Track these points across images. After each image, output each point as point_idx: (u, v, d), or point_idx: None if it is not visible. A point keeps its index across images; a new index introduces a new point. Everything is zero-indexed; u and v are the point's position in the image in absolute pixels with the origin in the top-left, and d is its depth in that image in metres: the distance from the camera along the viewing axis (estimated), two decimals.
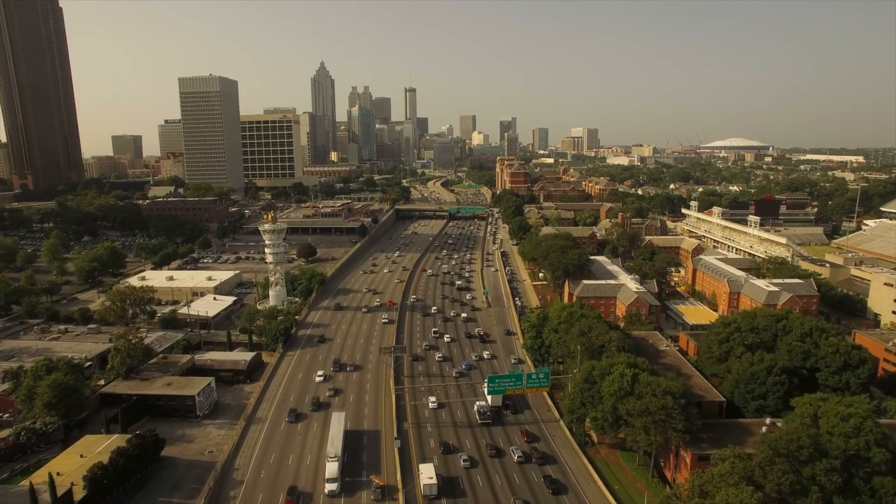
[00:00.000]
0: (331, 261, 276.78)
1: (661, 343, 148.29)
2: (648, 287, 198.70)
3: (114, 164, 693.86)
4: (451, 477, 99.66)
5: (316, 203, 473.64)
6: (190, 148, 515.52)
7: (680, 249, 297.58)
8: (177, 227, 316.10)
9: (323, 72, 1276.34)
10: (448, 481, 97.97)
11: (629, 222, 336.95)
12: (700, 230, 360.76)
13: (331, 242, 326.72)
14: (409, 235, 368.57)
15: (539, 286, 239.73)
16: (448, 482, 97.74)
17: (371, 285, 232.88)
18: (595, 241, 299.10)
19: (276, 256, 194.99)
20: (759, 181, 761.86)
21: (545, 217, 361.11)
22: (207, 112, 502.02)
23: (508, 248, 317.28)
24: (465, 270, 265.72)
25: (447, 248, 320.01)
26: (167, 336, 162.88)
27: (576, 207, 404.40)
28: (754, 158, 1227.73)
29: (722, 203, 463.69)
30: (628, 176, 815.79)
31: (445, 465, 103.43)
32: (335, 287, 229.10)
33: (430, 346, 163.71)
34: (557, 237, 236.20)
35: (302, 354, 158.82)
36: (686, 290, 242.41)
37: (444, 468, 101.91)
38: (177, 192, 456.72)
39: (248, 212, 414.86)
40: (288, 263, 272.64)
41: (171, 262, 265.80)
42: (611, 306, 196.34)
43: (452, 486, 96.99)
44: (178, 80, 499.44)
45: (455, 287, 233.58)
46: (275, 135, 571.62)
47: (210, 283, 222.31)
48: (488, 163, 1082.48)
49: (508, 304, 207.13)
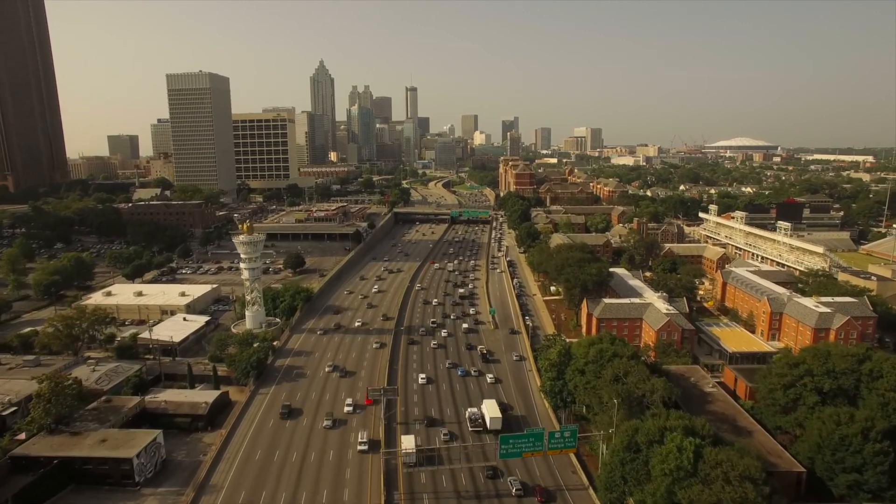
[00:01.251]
0: (320, 273, 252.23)
1: (705, 382, 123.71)
2: (678, 306, 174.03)
3: (104, 165, 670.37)
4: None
5: (310, 206, 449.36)
6: (179, 148, 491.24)
7: (703, 258, 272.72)
8: (156, 234, 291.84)
9: (322, 70, 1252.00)
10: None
11: (645, 228, 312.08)
12: (720, 236, 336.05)
13: (323, 250, 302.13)
14: (408, 241, 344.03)
15: (551, 302, 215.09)
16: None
17: (363, 301, 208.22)
18: (610, 250, 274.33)
19: (252, 272, 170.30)
20: (771, 182, 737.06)
21: (554, 222, 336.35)
22: (197, 110, 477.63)
23: (515, 257, 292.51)
24: (468, 280, 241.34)
25: (448, 256, 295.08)
26: (120, 369, 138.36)
27: (586, 211, 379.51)
28: (763, 158, 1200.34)
29: (738, 206, 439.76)
30: (636, 177, 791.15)
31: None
32: (323, 304, 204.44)
33: (428, 380, 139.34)
34: (573, 248, 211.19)
35: (277, 392, 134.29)
36: (714, 305, 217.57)
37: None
38: (163, 194, 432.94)
39: (238, 216, 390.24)
40: (273, 275, 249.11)
41: (146, 273, 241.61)
42: (636, 329, 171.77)
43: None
44: (166, 77, 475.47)
45: (456, 301, 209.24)
46: (269, 134, 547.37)
47: (182, 299, 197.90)
48: (490, 163, 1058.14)
49: (518, 324, 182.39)
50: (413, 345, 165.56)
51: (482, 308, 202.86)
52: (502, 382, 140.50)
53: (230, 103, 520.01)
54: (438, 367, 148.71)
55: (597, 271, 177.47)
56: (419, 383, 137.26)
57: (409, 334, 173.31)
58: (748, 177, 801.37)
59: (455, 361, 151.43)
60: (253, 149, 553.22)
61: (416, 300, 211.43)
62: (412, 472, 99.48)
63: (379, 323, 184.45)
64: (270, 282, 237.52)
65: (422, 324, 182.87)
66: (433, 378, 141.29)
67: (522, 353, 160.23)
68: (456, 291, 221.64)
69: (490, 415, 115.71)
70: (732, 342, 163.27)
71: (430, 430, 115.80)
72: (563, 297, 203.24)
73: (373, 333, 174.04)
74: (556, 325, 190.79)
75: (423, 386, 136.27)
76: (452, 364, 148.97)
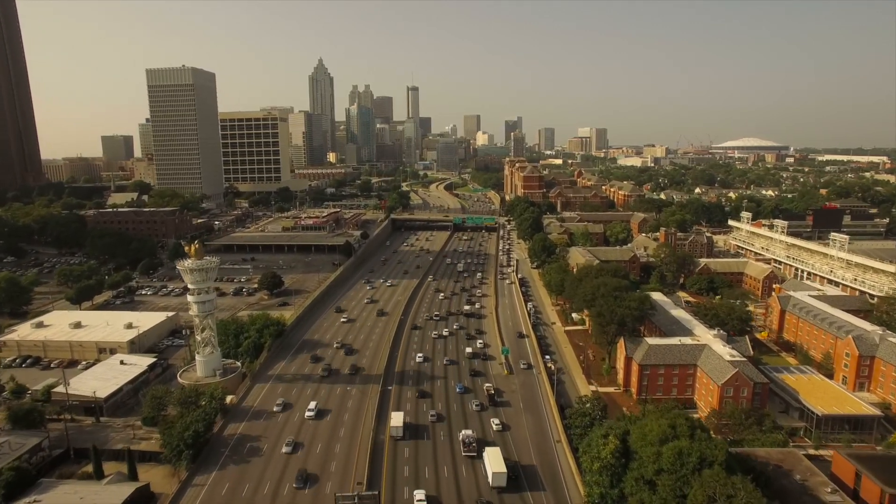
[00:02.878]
0: (301, 295, 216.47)
1: (817, 482, 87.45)
2: (740, 347, 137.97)
3: (87, 167, 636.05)
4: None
5: (301, 212, 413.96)
6: (160, 149, 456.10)
7: (744, 276, 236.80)
8: (118, 246, 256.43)
9: (321, 69, 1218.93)
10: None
11: (674, 239, 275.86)
12: (754, 247, 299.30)
13: (308, 265, 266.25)
14: (406, 253, 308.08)
15: (574, 334, 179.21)
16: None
17: (346, 336, 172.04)
18: (637, 266, 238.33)
19: (202, 306, 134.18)
20: (790, 184, 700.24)
21: (569, 232, 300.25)
22: (179, 108, 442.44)
23: (527, 273, 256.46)
24: (474, 304, 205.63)
25: (451, 273, 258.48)
26: (5, 448, 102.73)
27: (603, 219, 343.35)
28: (776, 159, 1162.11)
29: (765, 212, 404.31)
30: (647, 178, 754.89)
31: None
32: (298, 339, 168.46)
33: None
34: (603, 271, 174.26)
35: (218, 481, 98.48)
36: (768, 337, 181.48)
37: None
38: (140, 199, 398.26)
39: (219, 223, 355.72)
40: (247, 297, 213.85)
41: (97, 295, 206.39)
42: (687, 378, 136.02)
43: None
44: (146, 72, 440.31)
45: (459, 330, 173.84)
46: (258, 134, 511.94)
47: (127, 333, 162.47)
48: (494, 164, 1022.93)
49: (539, 370, 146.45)
50: (407, 395, 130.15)
51: (491, 342, 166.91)
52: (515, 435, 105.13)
53: (216, 101, 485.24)
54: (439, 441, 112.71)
55: (638, 304, 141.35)
56: (415, 484, 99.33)
57: (402, 386, 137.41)
58: (765, 178, 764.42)
59: (463, 427, 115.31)
60: (242, 150, 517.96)
61: (411, 336, 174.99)
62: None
63: (368, 363, 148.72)
64: (242, 306, 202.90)
65: (418, 371, 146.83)
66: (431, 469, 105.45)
67: (546, 412, 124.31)
68: (461, 324, 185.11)
69: (493, 468, 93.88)
70: (815, 397, 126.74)
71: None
72: (591, 330, 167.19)
73: (356, 383, 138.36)
74: (583, 366, 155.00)
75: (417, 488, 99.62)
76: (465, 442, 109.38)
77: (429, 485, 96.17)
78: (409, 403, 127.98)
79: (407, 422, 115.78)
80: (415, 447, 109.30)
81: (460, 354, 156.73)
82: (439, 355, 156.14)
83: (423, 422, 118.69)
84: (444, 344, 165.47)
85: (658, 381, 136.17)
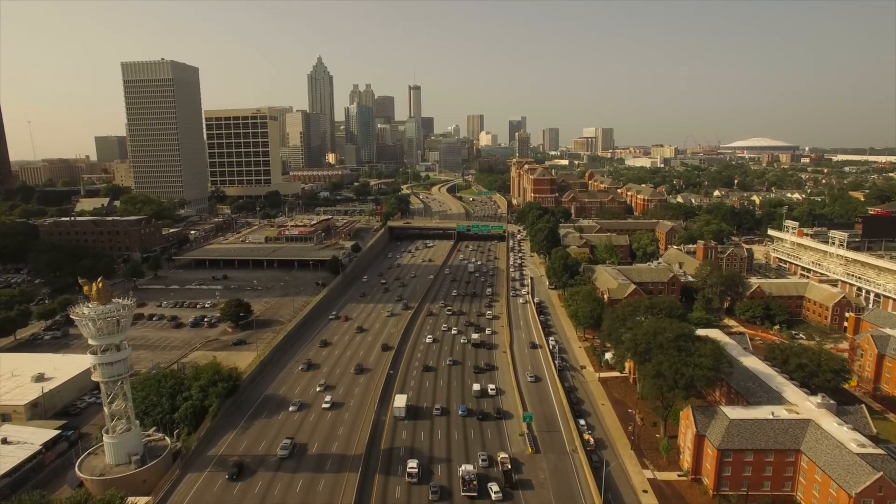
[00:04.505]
0: (274, 327, 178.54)
1: None
2: (855, 420, 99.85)
3: (68, 169, 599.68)
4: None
5: (289, 218, 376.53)
6: (137, 150, 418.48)
7: (806, 300, 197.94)
8: (66, 262, 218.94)
9: (320, 67, 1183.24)
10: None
11: (714, 254, 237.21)
12: (801, 261, 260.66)
13: (287, 286, 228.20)
14: (403, 268, 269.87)
15: (612, 383, 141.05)
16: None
17: (321, 390, 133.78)
18: (678, 288, 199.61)
19: (109, 369, 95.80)
20: (811, 186, 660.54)
21: (590, 244, 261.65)
22: (157, 105, 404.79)
23: (544, 294, 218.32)
24: (482, 337, 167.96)
25: (454, 296, 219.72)
26: None
27: (625, 228, 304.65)
28: (791, 160, 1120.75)
29: (796, 216, 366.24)
30: (660, 180, 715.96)
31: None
32: (257, 395, 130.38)
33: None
34: (655, 308, 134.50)
35: None
36: (857, 387, 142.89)
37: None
38: (111, 205, 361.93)
39: (196, 232, 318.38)
40: (207, 329, 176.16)
41: (20, 329, 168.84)
42: (785, 468, 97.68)
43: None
44: (121, 66, 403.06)
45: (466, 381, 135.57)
46: (246, 134, 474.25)
47: (31, 389, 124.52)
48: (498, 164, 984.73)
49: (573, 444, 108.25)
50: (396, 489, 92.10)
51: (509, 403, 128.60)
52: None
53: (200, 97, 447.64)
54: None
55: (713, 362, 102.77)
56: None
57: (389, 476, 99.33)
58: (785, 180, 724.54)
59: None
60: (230, 150, 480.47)
61: (404, 389, 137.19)
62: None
63: (340, 443, 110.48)
64: (198, 342, 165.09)
65: (410, 444, 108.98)
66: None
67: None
68: (467, 371, 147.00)
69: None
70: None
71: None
72: (638, 385, 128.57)
73: (326, 469, 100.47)
74: (631, 438, 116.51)
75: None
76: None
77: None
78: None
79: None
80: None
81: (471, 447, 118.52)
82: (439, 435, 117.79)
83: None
84: (447, 391, 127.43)
85: (744, 472, 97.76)
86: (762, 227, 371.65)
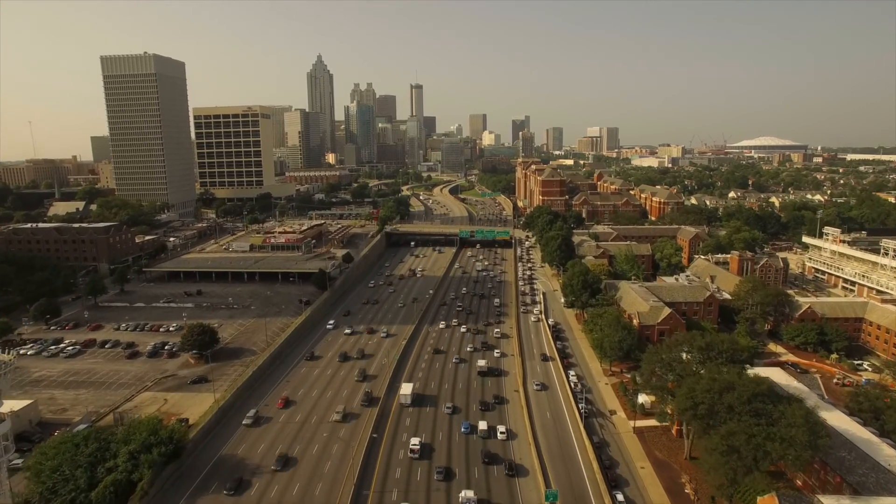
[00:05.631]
0: (244, 358, 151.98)
1: None
2: None
3: (54, 169, 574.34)
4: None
5: (279, 223, 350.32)
6: (119, 150, 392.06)
7: (865, 323, 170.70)
8: (16, 277, 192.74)
9: (320, 65, 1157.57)
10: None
11: (750, 266, 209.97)
12: (843, 272, 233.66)
13: (267, 303, 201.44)
14: (399, 280, 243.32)
15: (650, 433, 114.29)
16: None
17: (291, 451, 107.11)
18: (715, 308, 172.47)
19: None
20: (831, 187, 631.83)
21: (608, 254, 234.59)
22: (139, 102, 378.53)
23: (559, 313, 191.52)
24: (490, 345, 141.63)
25: (456, 313, 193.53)
26: None
27: (644, 234, 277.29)
28: (802, 159, 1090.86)
29: (824, 220, 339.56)
30: (670, 181, 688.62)
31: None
32: (208, 458, 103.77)
33: None
34: (712, 349, 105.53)
35: None
36: None
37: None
38: (87, 209, 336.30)
39: (176, 239, 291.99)
40: (166, 361, 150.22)
41: None
42: None
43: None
44: (100, 60, 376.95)
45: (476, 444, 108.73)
46: (237, 133, 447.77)
47: None
48: (502, 164, 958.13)
49: None
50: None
51: (523, 450, 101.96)
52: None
53: (186, 94, 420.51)
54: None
55: (808, 437, 75.78)
56: None
57: None
58: (801, 181, 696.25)
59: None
60: (219, 150, 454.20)
61: (392, 458, 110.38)
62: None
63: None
64: (151, 378, 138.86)
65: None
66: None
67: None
68: (475, 417, 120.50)
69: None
70: None
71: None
72: (704, 463, 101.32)
73: None
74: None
75: None
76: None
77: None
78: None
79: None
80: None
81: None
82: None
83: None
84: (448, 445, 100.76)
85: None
86: (787, 232, 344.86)
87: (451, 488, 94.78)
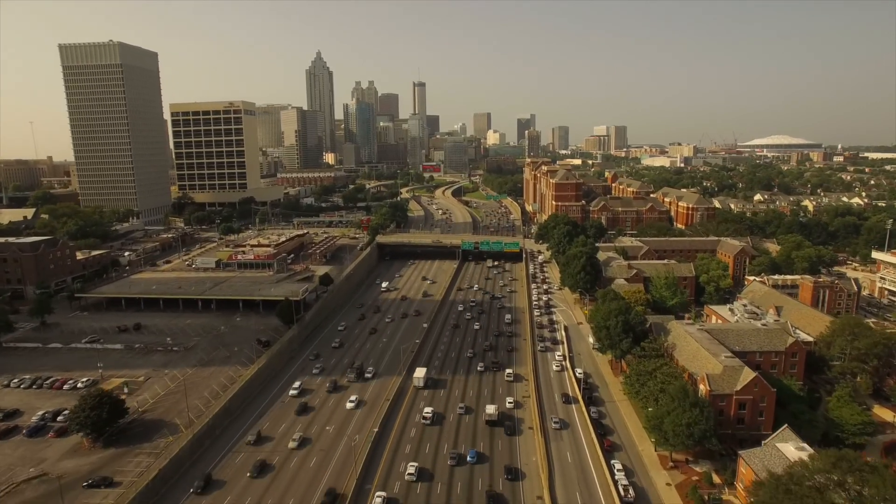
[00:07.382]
0: (158, 438, 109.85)
1: None
2: None
3: (27, 171, 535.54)
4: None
5: (258, 232, 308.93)
6: (81, 150, 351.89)
7: None
8: None
9: (319, 63, 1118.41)
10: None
11: (828, 295, 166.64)
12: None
13: (219, 341, 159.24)
14: (389, 306, 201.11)
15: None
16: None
17: None
18: (801, 359, 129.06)
19: None
20: (863, 189, 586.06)
21: (642, 276, 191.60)
22: (103, 96, 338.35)
23: (589, 360, 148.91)
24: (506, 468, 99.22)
25: (458, 356, 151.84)
26: None
27: (681, 248, 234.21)
28: (822, 158, 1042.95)
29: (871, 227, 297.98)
30: (687, 182, 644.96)
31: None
32: None
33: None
34: (845, 466, 62.60)
35: None
36: None
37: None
38: (36, 216, 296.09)
39: (131, 254, 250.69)
40: (54, 439, 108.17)
41: None
42: None
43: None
44: (59, 49, 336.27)
45: None
46: (218, 131, 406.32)
47: None
48: (507, 164, 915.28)
49: None
50: None
51: None
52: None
53: (159, 88, 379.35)
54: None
55: None
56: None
57: None
58: (830, 182, 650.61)
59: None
60: (198, 150, 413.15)
61: None
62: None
63: None
64: (25, 469, 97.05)
65: None
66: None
67: None
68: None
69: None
70: None
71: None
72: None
73: None
74: None
75: None
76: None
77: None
78: None
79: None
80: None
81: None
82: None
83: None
84: None
85: None
86: (835, 243, 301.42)
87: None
